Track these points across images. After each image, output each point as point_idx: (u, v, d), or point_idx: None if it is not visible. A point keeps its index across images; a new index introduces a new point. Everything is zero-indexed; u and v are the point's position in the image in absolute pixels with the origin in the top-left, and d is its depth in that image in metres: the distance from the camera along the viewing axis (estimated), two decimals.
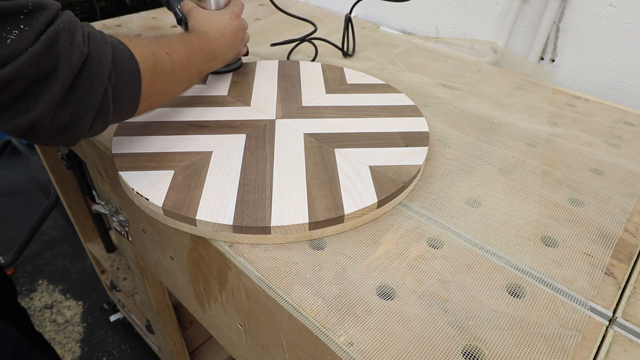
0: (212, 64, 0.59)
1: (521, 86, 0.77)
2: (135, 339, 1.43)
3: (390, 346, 0.35)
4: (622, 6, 0.74)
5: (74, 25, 0.37)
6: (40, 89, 0.35)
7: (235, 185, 0.47)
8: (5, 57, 0.32)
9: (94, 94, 0.38)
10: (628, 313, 0.38)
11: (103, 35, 0.41)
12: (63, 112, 0.37)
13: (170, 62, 0.48)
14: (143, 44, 0.46)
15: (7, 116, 0.35)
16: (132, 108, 0.45)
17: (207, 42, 0.57)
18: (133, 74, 0.43)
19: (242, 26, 0.65)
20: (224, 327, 0.55)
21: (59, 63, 0.35)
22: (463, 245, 0.44)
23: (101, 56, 0.39)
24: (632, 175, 0.56)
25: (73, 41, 0.36)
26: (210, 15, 0.62)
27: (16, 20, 0.33)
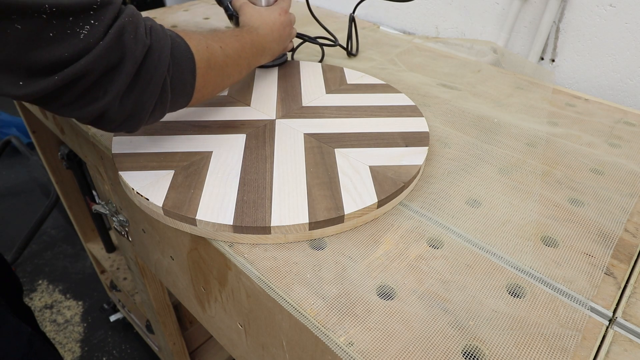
0: (260, 58, 0.61)
1: (521, 86, 0.77)
2: (135, 339, 1.43)
3: (390, 346, 0.35)
4: (622, 6, 0.74)
5: (137, 19, 0.39)
6: (109, 79, 0.38)
7: (235, 185, 0.47)
8: (79, 51, 0.35)
9: (155, 84, 0.41)
10: (628, 313, 0.38)
11: (163, 29, 0.43)
12: (127, 100, 0.40)
13: (223, 56, 0.50)
14: (198, 38, 0.47)
15: (79, 105, 0.38)
16: (186, 98, 0.47)
17: (257, 37, 0.59)
18: (189, 66, 0.45)
19: (289, 22, 0.67)
20: (224, 327, 0.55)
21: (125, 55, 0.38)
22: (463, 245, 0.44)
23: (161, 48, 0.41)
24: (632, 175, 0.56)
25: (137, 34, 0.38)
26: (261, 11, 0.64)
27: (87, 16, 0.35)
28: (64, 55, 0.34)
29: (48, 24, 0.33)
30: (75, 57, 0.35)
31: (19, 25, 0.31)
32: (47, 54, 0.33)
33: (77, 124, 0.63)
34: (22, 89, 0.34)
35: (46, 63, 0.34)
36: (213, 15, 1.03)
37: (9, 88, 0.34)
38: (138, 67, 0.39)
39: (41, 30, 0.33)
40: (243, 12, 0.65)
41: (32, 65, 0.33)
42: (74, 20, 0.34)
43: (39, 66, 0.34)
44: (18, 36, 0.32)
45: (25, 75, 0.34)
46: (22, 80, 0.34)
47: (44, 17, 0.32)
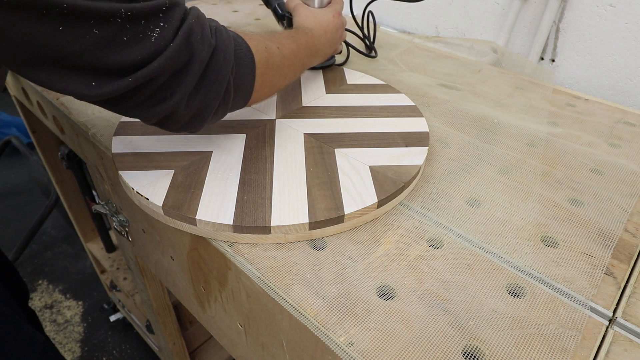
0: (314, 59, 0.62)
1: (521, 86, 0.77)
2: (135, 339, 1.43)
3: (390, 346, 0.35)
4: (622, 6, 0.74)
5: (203, 20, 0.40)
6: (177, 80, 0.38)
7: (235, 185, 0.47)
8: (151, 53, 0.35)
9: (219, 84, 0.41)
10: (628, 313, 0.38)
11: (226, 29, 0.43)
12: (194, 101, 0.40)
13: (280, 56, 0.50)
14: (257, 38, 0.48)
15: (147, 105, 0.39)
16: (246, 98, 0.47)
17: (311, 39, 0.59)
18: (249, 66, 0.45)
19: (342, 24, 0.68)
20: (224, 327, 0.55)
21: (193, 55, 0.38)
22: (463, 245, 0.44)
23: (226, 48, 0.41)
24: (632, 175, 0.56)
25: (203, 34, 0.39)
26: (315, 13, 0.65)
27: (157, 18, 0.36)
28: (137, 58, 0.35)
29: (122, 28, 0.34)
30: (147, 60, 0.35)
31: (96, 30, 0.32)
32: (121, 57, 0.34)
33: (77, 124, 0.63)
34: (94, 90, 0.35)
35: (119, 65, 0.34)
36: (213, 15, 1.03)
37: (81, 89, 0.35)
38: (204, 67, 0.39)
39: (116, 34, 0.33)
40: (297, 13, 0.65)
41: (106, 67, 0.34)
42: (145, 24, 0.35)
43: (112, 68, 0.34)
44: (95, 40, 0.33)
45: (99, 77, 0.35)
46: (94, 81, 0.35)
47: (119, 22, 0.33)
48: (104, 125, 0.61)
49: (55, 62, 0.33)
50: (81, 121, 0.63)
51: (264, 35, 0.51)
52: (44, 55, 0.32)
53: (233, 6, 1.14)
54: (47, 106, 0.74)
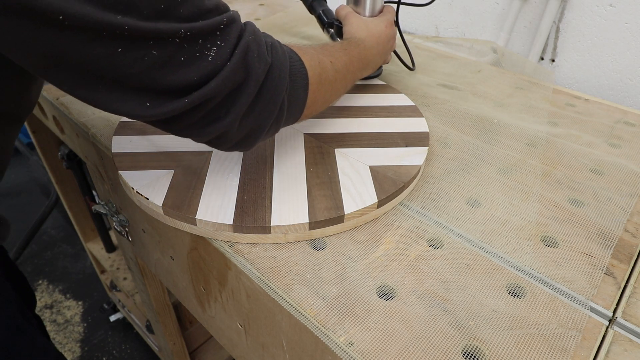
0: (364, 71, 0.59)
1: (521, 86, 0.77)
2: (135, 339, 1.43)
3: (390, 346, 0.35)
4: (622, 6, 0.74)
5: (259, 37, 0.38)
6: (232, 100, 0.37)
7: (235, 184, 0.47)
8: (208, 73, 0.34)
9: (274, 103, 0.40)
10: (628, 313, 0.38)
11: (281, 45, 0.42)
12: (247, 120, 0.39)
13: (333, 71, 0.48)
14: (311, 52, 0.46)
15: (200, 125, 0.37)
16: (297, 115, 0.45)
17: (363, 51, 0.57)
18: (303, 82, 0.43)
19: (393, 35, 0.65)
20: (224, 327, 0.55)
21: (249, 74, 0.37)
22: (463, 245, 0.44)
23: (281, 66, 0.40)
24: (632, 175, 0.56)
25: (259, 52, 0.37)
26: (367, 23, 0.62)
27: (214, 37, 0.35)
28: (193, 78, 0.34)
29: (180, 48, 0.33)
30: (204, 80, 0.34)
31: (155, 51, 0.32)
32: (177, 78, 0.33)
33: (77, 124, 0.63)
34: (149, 110, 0.34)
35: (175, 86, 0.34)
36: None
37: (136, 109, 0.34)
38: (260, 86, 0.38)
39: (174, 54, 0.33)
40: (349, 22, 0.62)
41: (161, 88, 0.33)
42: (202, 43, 0.34)
43: (168, 89, 0.34)
44: (153, 61, 0.32)
45: (154, 98, 0.34)
46: (150, 101, 0.34)
47: (177, 42, 0.32)
48: (104, 125, 0.61)
49: (112, 83, 0.32)
50: (81, 121, 0.63)
51: (317, 48, 0.49)
52: (101, 77, 0.31)
53: (233, 6, 1.13)
54: (47, 106, 0.74)
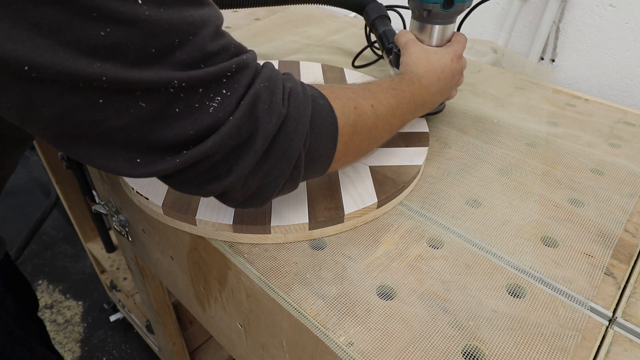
0: (416, 113, 0.51)
1: (521, 86, 0.77)
2: (135, 339, 1.43)
3: (390, 346, 0.35)
4: (622, 6, 0.74)
5: (274, 83, 0.33)
6: (236, 157, 0.32)
7: None
8: (207, 127, 0.30)
9: (287, 160, 0.34)
10: (628, 313, 0.38)
11: (304, 89, 0.36)
12: (253, 179, 0.34)
13: (374, 116, 0.42)
14: (346, 96, 0.40)
15: (198, 182, 0.33)
16: (322, 169, 0.40)
17: (418, 90, 0.49)
18: (330, 133, 0.37)
19: (461, 70, 0.56)
20: (224, 327, 0.55)
21: (257, 129, 0.32)
22: (463, 245, 0.44)
23: (299, 116, 0.34)
24: (632, 175, 0.56)
25: (272, 102, 0.33)
26: (430, 54, 0.53)
27: (219, 85, 0.30)
28: (190, 133, 0.29)
29: (175, 99, 0.28)
30: (201, 135, 0.30)
31: (143, 102, 0.27)
32: (170, 132, 0.29)
33: None
34: (138, 169, 0.30)
35: (168, 142, 0.29)
36: None
37: (124, 167, 0.30)
38: (270, 142, 0.33)
39: (167, 106, 0.28)
40: (407, 52, 0.54)
41: (152, 144, 0.29)
42: (204, 92, 0.29)
43: (159, 145, 0.29)
44: (141, 114, 0.27)
45: (144, 154, 0.30)
46: (140, 158, 0.30)
47: (171, 92, 0.28)
48: None
49: (95, 138, 0.28)
50: None
51: (357, 89, 0.43)
52: (83, 130, 0.27)
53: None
54: None
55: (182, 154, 0.30)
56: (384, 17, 0.68)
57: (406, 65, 0.53)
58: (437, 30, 0.54)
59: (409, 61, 0.53)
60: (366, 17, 0.69)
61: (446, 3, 0.50)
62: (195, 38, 0.28)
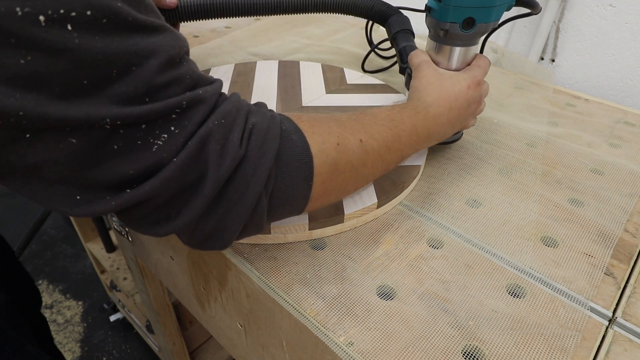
0: (419, 146, 0.45)
1: (521, 86, 0.77)
2: (135, 339, 1.43)
3: (390, 346, 0.35)
4: (622, 6, 0.74)
5: (233, 120, 0.30)
6: (184, 200, 0.30)
7: None
8: (147, 168, 0.27)
9: (244, 205, 0.31)
10: (628, 313, 0.38)
11: (273, 124, 0.33)
12: (206, 223, 0.31)
13: (362, 153, 0.38)
14: (328, 130, 0.37)
15: (146, 222, 0.31)
16: (296, 210, 0.37)
17: (423, 120, 0.44)
18: (303, 173, 0.34)
19: (479, 98, 0.49)
20: (224, 327, 0.55)
21: (206, 172, 0.29)
22: (463, 245, 0.44)
23: (260, 157, 0.31)
24: (632, 175, 0.56)
25: (227, 142, 0.30)
26: (443, 80, 0.47)
27: (167, 121, 0.27)
28: (128, 172, 0.27)
29: (112, 135, 0.26)
30: (142, 176, 0.27)
31: (74, 138, 0.24)
32: (109, 170, 0.26)
33: None
34: (77, 208, 0.27)
35: (108, 180, 0.27)
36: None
37: (64, 205, 0.27)
38: (222, 186, 0.30)
39: (102, 142, 0.25)
40: (419, 75, 0.48)
41: (91, 181, 0.27)
42: (147, 129, 0.27)
43: (99, 183, 0.27)
44: (72, 150, 0.25)
45: (83, 191, 0.27)
46: (80, 195, 0.27)
47: (107, 128, 0.25)
48: None
49: (27, 173, 0.25)
50: None
51: (346, 121, 0.39)
52: (12, 164, 0.25)
53: None
54: None
55: (122, 195, 0.27)
56: (406, 32, 0.63)
57: (415, 91, 0.47)
58: (455, 52, 0.48)
59: (418, 86, 0.47)
60: (388, 30, 0.65)
61: (466, 23, 0.45)
62: (139, 69, 0.25)
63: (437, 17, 0.45)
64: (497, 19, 0.46)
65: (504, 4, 0.45)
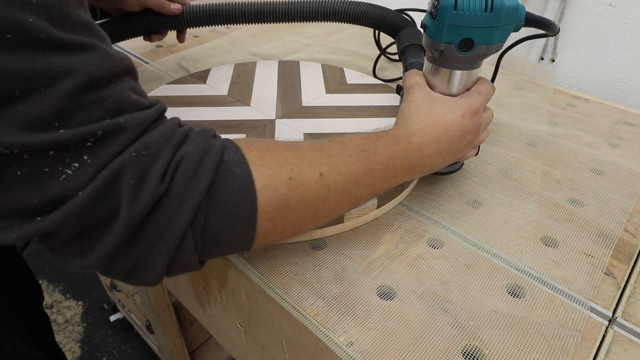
0: (398, 179, 0.41)
1: (521, 86, 0.77)
2: (135, 339, 1.43)
3: (390, 346, 0.35)
4: (622, 6, 0.74)
5: (157, 151, 0.28)
6: (95, 236, 0.27)
7: None
8: (52, 199, 0.25)
9: (165, 245, 0.29)
10: (628, 313, 0.38)
11: (207, 155, 0.30)
12: (124, 260, 0.29)
13: (321, 188, 0.34)
14: (281, 162, 0.33)
15: (63, 253, 0.29)
16: (238, 248, 0.33)
17: (402, 152, 0.39)
18: (243, 210, 0.31)
19: (475, 128, 0.43)
20: (224, 327, 0.55)
21: (118, 208, 0.26)
22: (463, 245, 0.44)
23: (187, 193, 0.28)
24: (632, 175, 0.56)
25: (145, 177, 0.27)
26: (434, 105, 0.42)
27: (80, 149, 0.25)
28: (32, 201, 0.24)
29: (14, 160, 0.23)
30: (46, 206, 0.25)
31: None
32: (13, 197, 0.24)
33: None
34: None
35: (13, 207, 0.25)
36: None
37: None
38: (138, 225, 0.27)
39: (3, 167, 0.23)
40: (408, 99, 0.43)
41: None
42: (56, 155, 0.24)
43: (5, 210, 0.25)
44: None
45: None
46: None
47: (6, 153, 0.23)
48: None
49: None
50: None
51: (307, 150, 0.36)
52: None
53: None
54: None
55: (31, 223, 0.25)
56: (416, 47, 0.59)
57: (401, 116, 0.43)
58: (453, 76, 0.43)
59: (405, 111, 0.43)
60: (398, 44, 0.61)
61: (463, 44, 0.40)
62: (48, 90, 0.23)
63: (431, 35, 0.40)
64: (502, 40, 0.41)
65: (509, 25, 0.40)
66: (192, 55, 0.83)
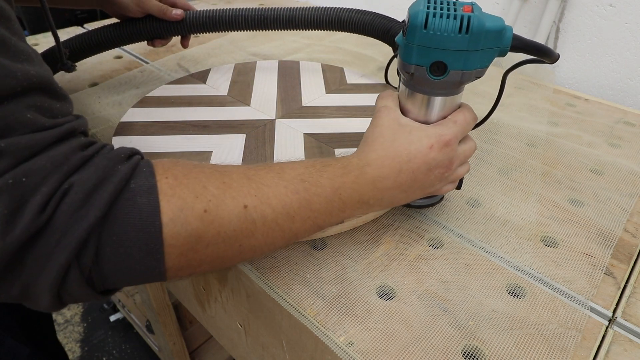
0: (349, 213, 0.37)
1: (521, 86, 0.77)
2: (135, 339, 1.43)
3: (390, 346, 0.35)
4: (622, 6, 0.74)
5: (41, 178, 0.25)
6: None
7: None
8: None
9: (46, 277, 0.26)
10: (628, 313, 0.38)
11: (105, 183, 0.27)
12: (9, 287, 0.27)
13: (245, 221, 0.31)
14: (198, 192, 0.30)
15: None
16: (150, 279, 0.31)
17: (352, 184, 0.36)
18: (145, 244, 0.28)
19: (445, 162, 0.38)
20: (224, 327, 0.55)
21: None
22: (463, 245, 0.44)
23: (71, 225, 0.26)
24: (632, 175, 0.56)
25: (22, 206, 0.25)
26: (399, 134, 0.38)
27: None
28: None
29: None
30: None
31: None
32: None
33: None
34: None
35: None
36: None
37: None
38: (13, 256, 0.25)
39: None
40: (373, 123, 0.40)
41: None
42: None
43: None
44: None
45: None
46: None
47: None
48: (104, 125, 0.61)
49: None
50: None
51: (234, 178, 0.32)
52: None
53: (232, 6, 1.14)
54: None
55: None
56: None
57: (363, 142, 0.39)
58: (426, 102, 0.39)
59: (367, 137, 0.39)
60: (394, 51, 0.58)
61: (435, 68, 0.35)
62: None
63: (401, 56, 0.37)
64: (482, 66, 0.36)
65: (489, 50, 0.36)
66: (192, 55, 0.83)
